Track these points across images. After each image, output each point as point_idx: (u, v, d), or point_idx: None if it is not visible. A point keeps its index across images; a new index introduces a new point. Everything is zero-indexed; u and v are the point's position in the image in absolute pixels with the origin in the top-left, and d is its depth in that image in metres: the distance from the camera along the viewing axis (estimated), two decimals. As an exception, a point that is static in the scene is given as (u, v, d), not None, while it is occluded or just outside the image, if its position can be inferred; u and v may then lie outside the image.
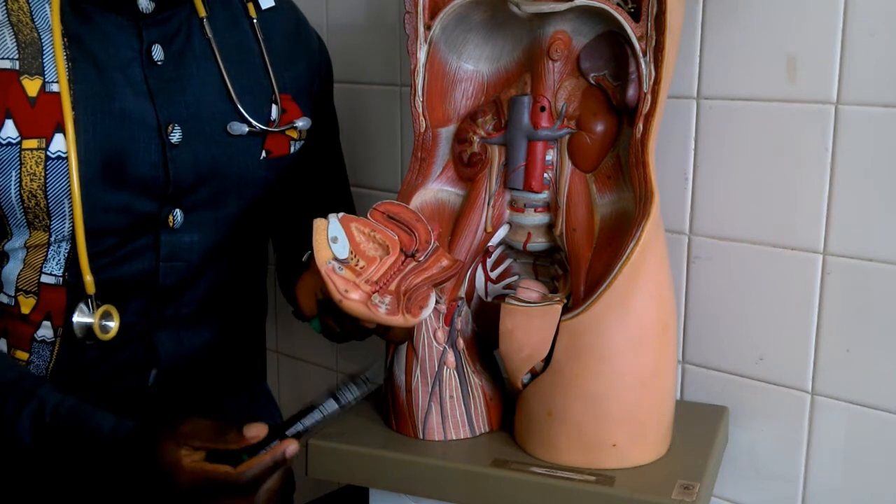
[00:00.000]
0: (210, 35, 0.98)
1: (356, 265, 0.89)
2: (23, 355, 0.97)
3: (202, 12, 0.98)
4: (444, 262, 0.93)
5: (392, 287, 0.89)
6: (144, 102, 0.93)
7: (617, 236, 0.90)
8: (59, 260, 0.93)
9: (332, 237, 0.89)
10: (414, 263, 0.91)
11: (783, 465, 1.05)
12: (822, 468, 1.03)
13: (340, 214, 0.91)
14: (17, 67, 0.88)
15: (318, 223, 0.89)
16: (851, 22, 0.94)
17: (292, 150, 1.04)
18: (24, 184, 0.89)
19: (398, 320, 0.86)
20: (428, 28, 0.96)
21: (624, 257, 0.86)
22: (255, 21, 1.03)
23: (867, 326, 0.97)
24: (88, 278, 0.93)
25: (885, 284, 0.96)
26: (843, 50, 0.94)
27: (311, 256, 0.92)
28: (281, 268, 1.18)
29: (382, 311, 0.86)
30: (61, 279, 0.94)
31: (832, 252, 0.98)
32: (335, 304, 0.86)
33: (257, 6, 1.04)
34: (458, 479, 0.92)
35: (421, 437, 0.97)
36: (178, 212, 0.97)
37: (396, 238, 0.92)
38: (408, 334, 0.94)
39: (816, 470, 1.03)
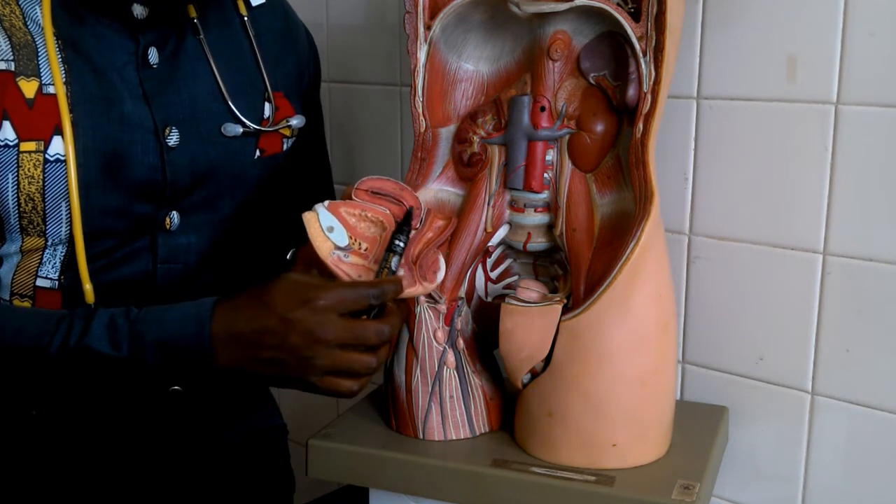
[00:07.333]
0: (202, 35, 0.98)
1: (360, 249, 0.88)
2: None
3: (193, 13, 0.98)
4: (440, 223, 0.93)
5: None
6: (141, 105, 0.93)
7: (617, 236, 0.90)
8: (55, 263, 0.92)
9: (328, 227, 0.87)
10: (413, 232, 0.91)
11: (783, 465, 1.05)
12: (822, 468, 1.03)
13: (326, 203, 0.89)
14: (13, 69, 0.88)
15: (309, 216, 0.88)
16: (851, 22, 0.94)
17: (284, 147, 1.04)
18: (21, 187, 0.88)
19: (418, 290, 0.87)
20: (428, 28, 0.96)
21: (624, 257, 0.86)
22: (245, 18, 1.03)
23: (867, 326, 0.97)
24: (88, 287, 0.92)
25: (885, 284, 0.96)
26: (843, 50, 0.94)
27: (296, 253, 0.91)
28: (269, 265, 1.18)
29: None
30: (57, 283, 0.93)
31: (832, 252, 0.98)
32: None
33: (247, 3, 1.03)
34: (458, 479, 0.92)
35: (421, 437, 0.97)
36: (174, 214, 0.97)
37: (388, 212, 0.90)
38: (403, 321, 0.93)
39: (816, 470, 1.03)
